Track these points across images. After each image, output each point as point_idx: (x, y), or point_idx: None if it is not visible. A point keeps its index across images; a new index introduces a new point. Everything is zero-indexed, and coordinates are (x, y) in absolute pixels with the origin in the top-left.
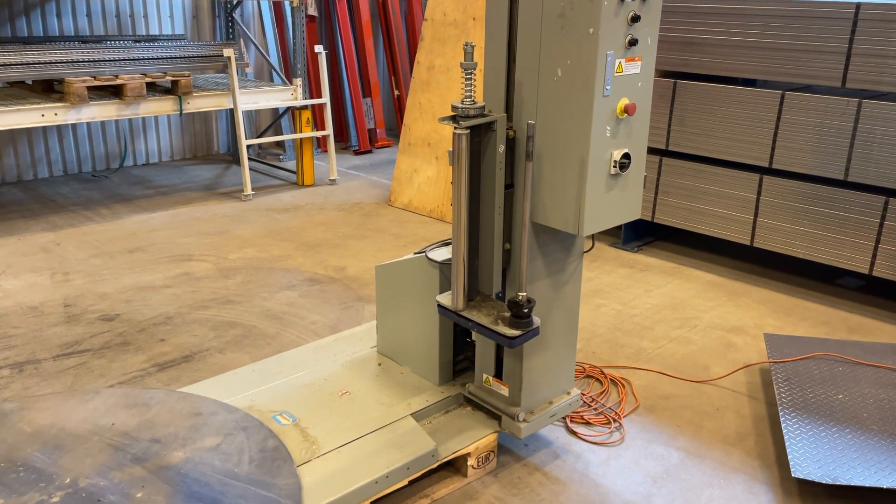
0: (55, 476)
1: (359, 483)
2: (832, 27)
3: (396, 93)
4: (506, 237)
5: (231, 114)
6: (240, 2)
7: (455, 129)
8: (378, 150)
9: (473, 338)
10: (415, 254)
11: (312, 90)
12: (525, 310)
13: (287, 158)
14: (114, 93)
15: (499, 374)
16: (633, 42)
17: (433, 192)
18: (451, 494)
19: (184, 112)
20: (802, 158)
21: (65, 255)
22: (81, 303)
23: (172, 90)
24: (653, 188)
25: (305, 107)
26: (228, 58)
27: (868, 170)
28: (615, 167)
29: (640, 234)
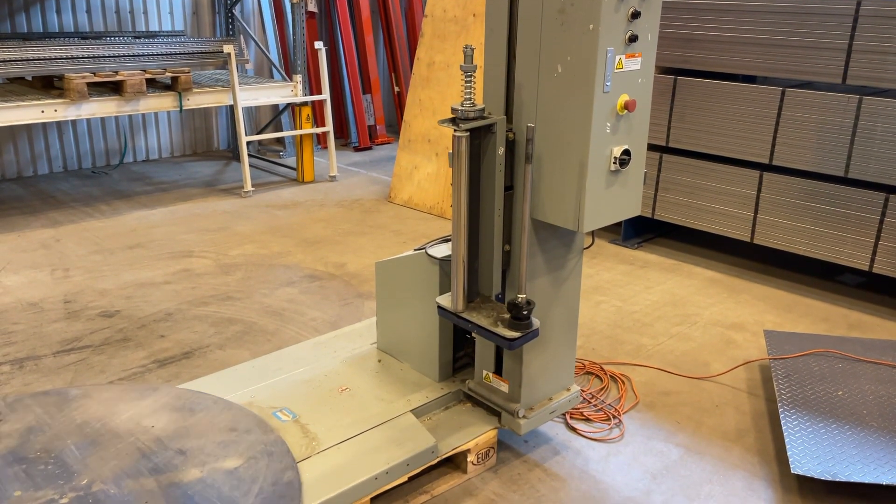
0: (76, 475)
1: (358, 479)
2: (833, 23)
3: (396, 89)
4: (505, 239)
5: (231, 110)
6: None
7: (455, 132)
8: (378, 147)
9: (473, 335)
10: (415, 250)
11: (312, 86)
12: (524, 312)
13: (287, 155)
14: (114, 89)
15: (499, 371)
16: (634, 38)
17: (433, 189)
18: (451, 491)
19: (184, 108)
20: (803, 155)
21: (65, 252)
22: (81, 299)
23: (172, 86)
24: (653, 185)
25: (305, 103)
26: (228, 54)
27: (868, 166)
28: (615, 164)
29: (641, 231)
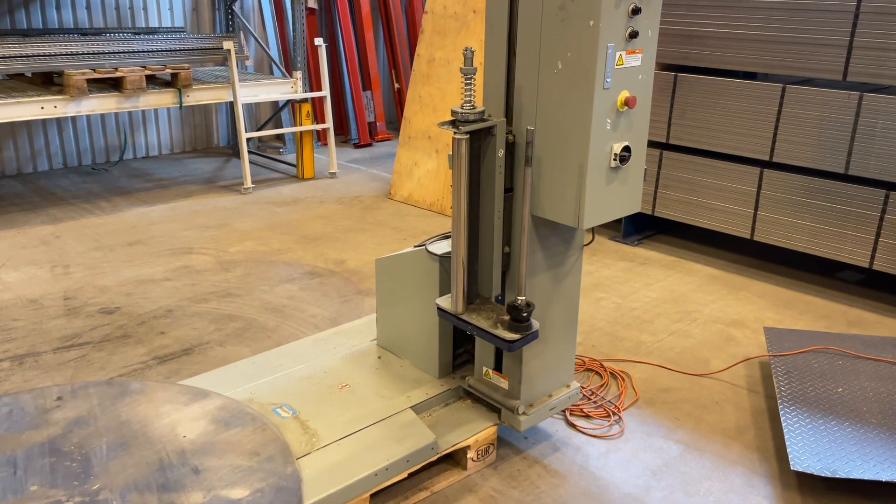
0: (91, 478)
1: (358, 475)
2: (833, 20)
3: (397, 86)
4: (505, 240)
5: (231, 107)
6: None
7: (455, 134)
8: (378, 144)
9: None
10: (415, 247)
11: (312, 83)
12: (524, 314)
13: (287, 151)
14: (113, 85)
15: (498, 368)
16: (634, 34)
17: (433, 186)
18: (451, 487)
19: (183, 105)
20: (803, 152)
21: (65, 248)
22: (81, 295)
23: (172, 83)
24: (653, 181)
25: (305, 100)
26: (228, 50)
27: (869, 163)
28: (615, 160)
29: (641, 228)
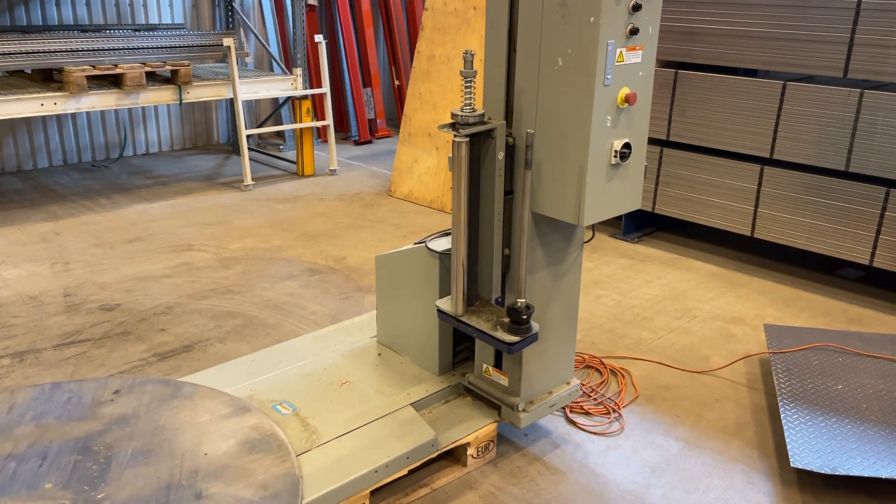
0: (101, 485)
1: (358, 472)
2: (834, 17)
3: (397, 83)
4: (505, 243)
5: (231, 103)
6: None
7: (454, 137)
8: (378, 141)
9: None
10: (415, 244)
11: (312, 80)
12: (524, 316)
13: (287, 148)
14: (113, 82)
15: (498, 365)
16: (635, 31)
17: (433, 183)
18: (451, 484)
19: (183, 102)
20: (803, 149)
21: (65, 245)
22: (81, 292)
23: (172, 80)
24: (653, 178)
25: (305, 96)
26: (228, 47)
27: (869, 160)
28: (616, 157)
29: (641, 225)
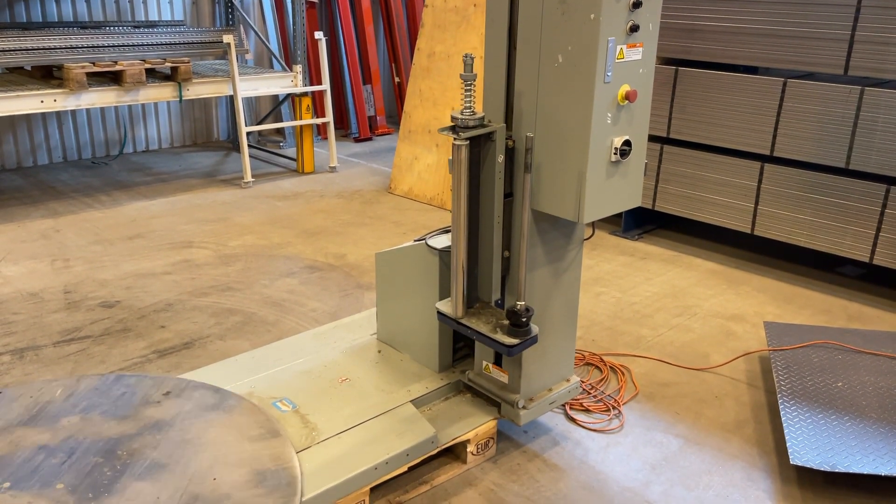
0: (107, 496)
1: (358, 469)
2: (835, 14)
3: (397, 80)
4: (505, 245)
5: (231, 100)
6: None
7: (454, 140)
8: (378, 138)
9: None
10: (415, 241)
11: (312, 77)
12: (523, 319)
13: (287, 146)
14: (113, 79)
15: (498, 362)
16: (635, 28)
17: (433, 180)
18: (451, 481)
19: (183, 99)
20: (804, 146)
21: (65, 242)
22: (81, 289)
23: (172, 76)
24: (653, 176)
25: (305, 94)
26: (228, 44)
27: (869, 158)
28: (616, 154)
29: (641, 222)
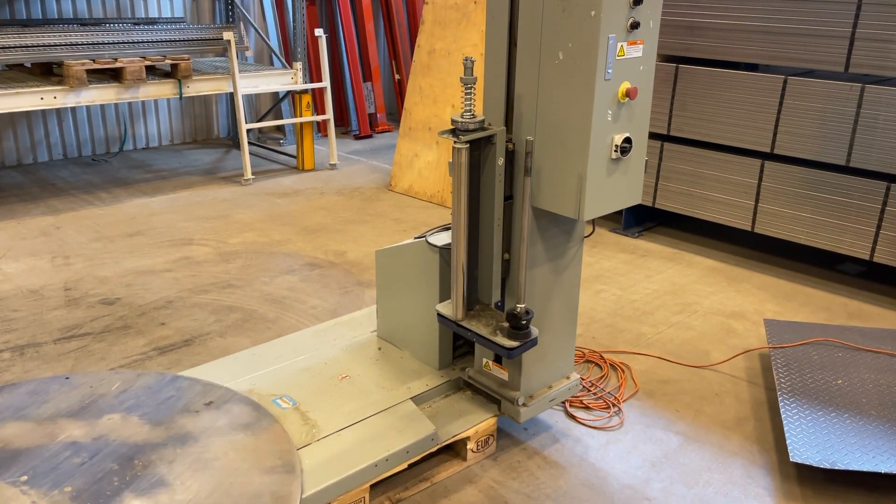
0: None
1: (358, 466)
2: (836, 11)
3: (397, 77)
4: (505, 247)
5: (231, 98)
6: None
7: (455, 144)
8: (378, 135)
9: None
10: (415, 238)
11: (312, 74)
12: (523, 322)
13: (287, 143)
14: (113, 76)
15: (498, 360)
16: (635, 25)
17: (434, 177)
18: (451, 478)
19: (183, 96)
20: (804, 144)
21: (65, 239)
22: (82, 286)
23: (172, 74)
24: (654, 173)
25: (306, 91)
26: (228, 41)
27: (870, 155)
28: (616, 151)
29: (641, 220)
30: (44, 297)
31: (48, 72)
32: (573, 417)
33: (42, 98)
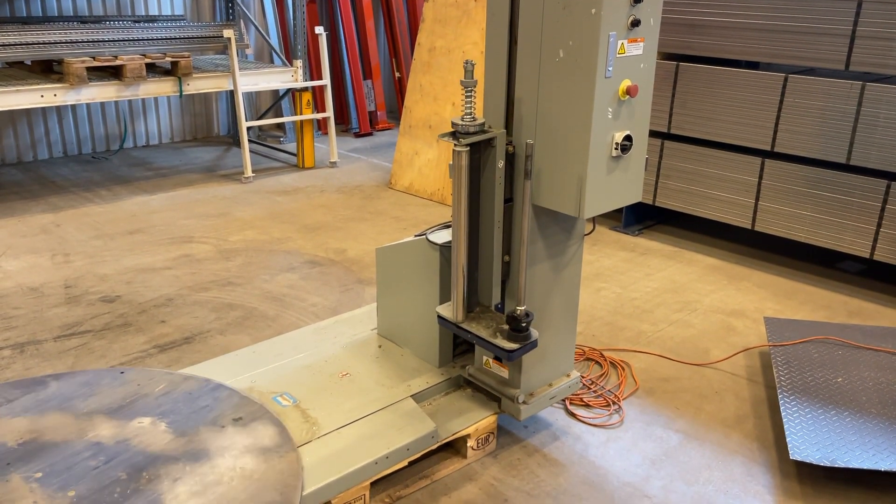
0: None
1: (359, 464)
2: (836, 9)
3: (397, 74)
4: (505, 250)
5: (231, 95)
6: None
7: (455, 146)
8: (379, 133)
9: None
10: (415, 236)
11: (313, 72)
12: (523, 324)
13: (287, 141)
14: (113, 74)
15: (498, 357)
16: (636, 23)
17: (434, 175)
18: (451, 475)
19: (184, 93)
20: (805, 142)
21: (65, 237)
22: (82, 284)
23: (172, 71)
24: (654, 171)
25: (306, 89)
26: (228, 39)
27: (870, 154)
28: (617, 149)
29: (641, 218)
30: (44, 295)
31: (48, 69)
32: (573, 415)
33: (42, 96)
